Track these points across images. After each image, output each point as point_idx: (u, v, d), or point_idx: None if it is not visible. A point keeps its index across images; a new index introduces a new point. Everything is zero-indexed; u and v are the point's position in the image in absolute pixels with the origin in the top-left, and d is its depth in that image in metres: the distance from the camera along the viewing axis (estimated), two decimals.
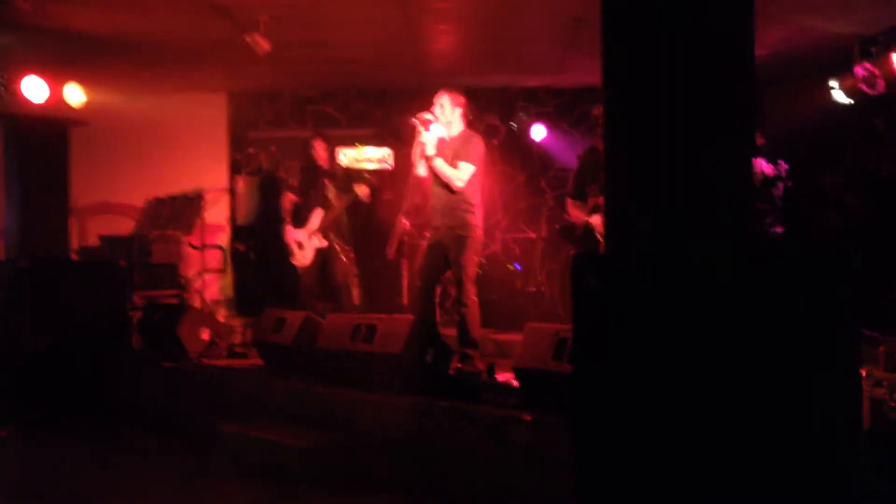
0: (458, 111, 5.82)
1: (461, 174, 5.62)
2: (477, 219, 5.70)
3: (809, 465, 2.83)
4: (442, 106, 5.78)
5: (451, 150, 5.74)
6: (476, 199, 5.72)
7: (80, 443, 5.55)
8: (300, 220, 7.14)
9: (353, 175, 7.48)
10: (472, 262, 5.65)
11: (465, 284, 5.55)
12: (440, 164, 5.64)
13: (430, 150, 5.67)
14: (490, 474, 4.06)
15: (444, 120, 5.77)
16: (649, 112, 3.20)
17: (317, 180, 7.19)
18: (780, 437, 2.85)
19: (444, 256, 5.72)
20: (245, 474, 4.71)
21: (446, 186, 5.68)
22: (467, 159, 5.63)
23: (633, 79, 3.24)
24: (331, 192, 7.14)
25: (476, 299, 5.59)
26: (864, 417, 3.29)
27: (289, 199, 7.32)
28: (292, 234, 7.13)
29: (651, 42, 3.17)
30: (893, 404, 3.58)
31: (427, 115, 5.73)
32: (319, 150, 7.22)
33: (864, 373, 3.66)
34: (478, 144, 5.76)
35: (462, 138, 5.78)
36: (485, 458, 4.08)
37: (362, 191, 7.01)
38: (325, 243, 7.03)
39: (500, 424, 4.05)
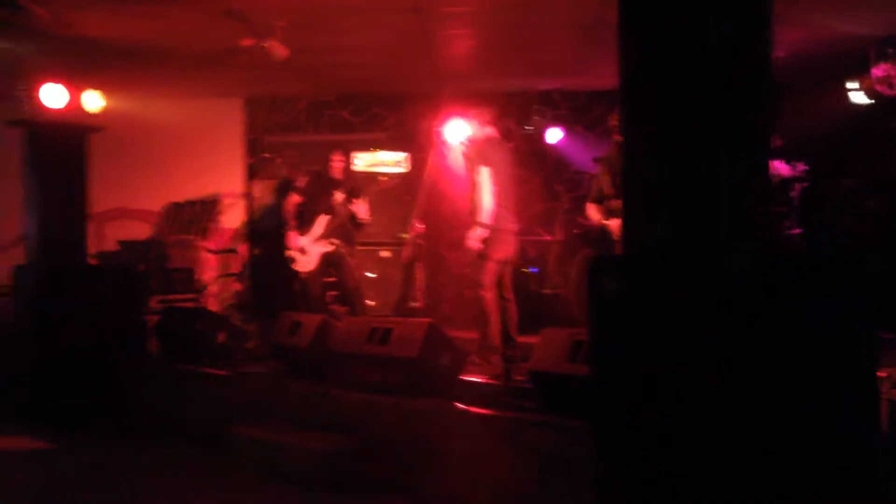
0: (486, 123, 6.27)
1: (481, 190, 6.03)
2: (493, 220, 5.99)
3: (828, 469, 2.82)
4: (475, 119, 6.26)
5: (476, 155, 6.17)
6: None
7: (99, 447, 5.59)
8: (309, 226, 7.19)
9: (360, 185, 7.53)
10: (489, 261, 5.97)
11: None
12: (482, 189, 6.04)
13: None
14: (507, 478, 4.05)
15: (476, 130, 6.25)
16: (666, 116, 3.20)
17: (327, 189, 7.24)
18: (799, 439, 2.84)
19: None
20: (262, 478, 4.72)
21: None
22: (484, 163, 6.03)
23: (649, 83, 3.24)
24: (337, 200, 7.20)
25: (484, 296, 5.94)
26: (882, 420, 3.28)
27: (292, 201, 7.34)
28: (296, 240, 7.16)
29: (667, 46, 3.17)
30: None
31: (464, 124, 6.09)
32: (337, 162, 7.30)
33: (883, 375, 3.63)
34: (495, 146, 6.16)
35: (485, 142, 6.23)
36: (502, 462, 4.08)
37: (359, 208, 7.08)
38: (329, 248, 7.08)
39: (516, 428, 4.05)
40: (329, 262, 7.16)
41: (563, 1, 6.16)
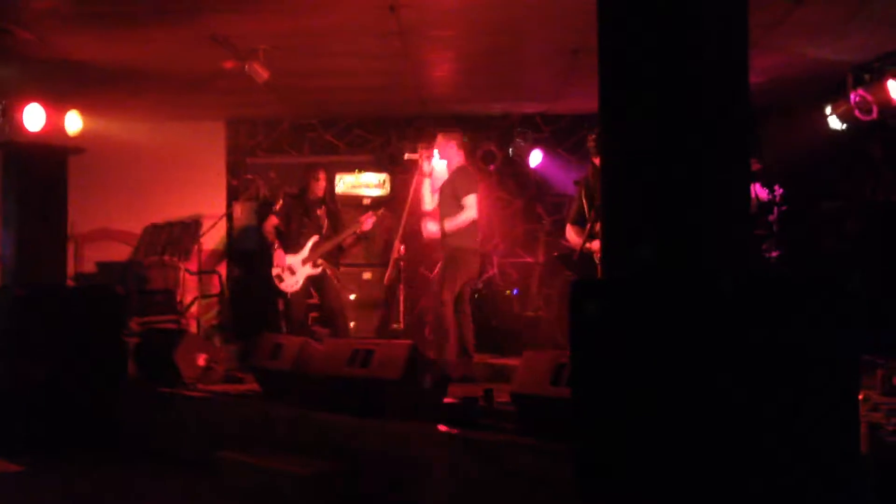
0: (453, 146, 6.59)
1: (468, 211, 6.36)
2: (468, 242, 6.43)
3: (808, 492, 2.83)
4: (439, 145, 6.60)
5: (451, 187, 6.48)
6: (472, 224, 6.45)
7: (76, 470, 5.52)
8: (295, 246, 7.17)
9: (343, 207, 7.58)
10: (455, 283, 6.34)
11: (443, 303, 6.31)
12: (450, 225, 6.41)
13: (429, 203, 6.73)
14: (490, 500, 4.04)
15: (443, 157, 6.60)
16: (644, 139, 3.23)
17: (311, 209, 7.24)
18: (779, 461, 2.85)
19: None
20: (245, 502, 4.67)
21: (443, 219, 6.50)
22: (466, 191, 6.38)
23: (628, 107, 3.27)
24: (326, 222, 7.21)
25: (452, 318, 6.30)
26: (861, 442, 3.29)
27: (270, 223, 7.35)
28: (283, 259, 7.15)
29: (647, 71, 3.20)
30: (891, 429, 3.58)
31: (430, 152, 6.59)
32: (322, 181, 7.33)
33: (861, 397, 3.66)
34: (469, 174, 6.59)
35: (456, 173, 6.55)
36: (484, 484, 4.06)
37: (366, 224, 7.12)
38: (317, 270, 7.08)
39: (498, 450, 4.04)
40: (313, 283, 7.15)
41: (545, 27, 6.22)
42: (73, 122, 6.79)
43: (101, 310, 6.65)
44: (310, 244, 7.14)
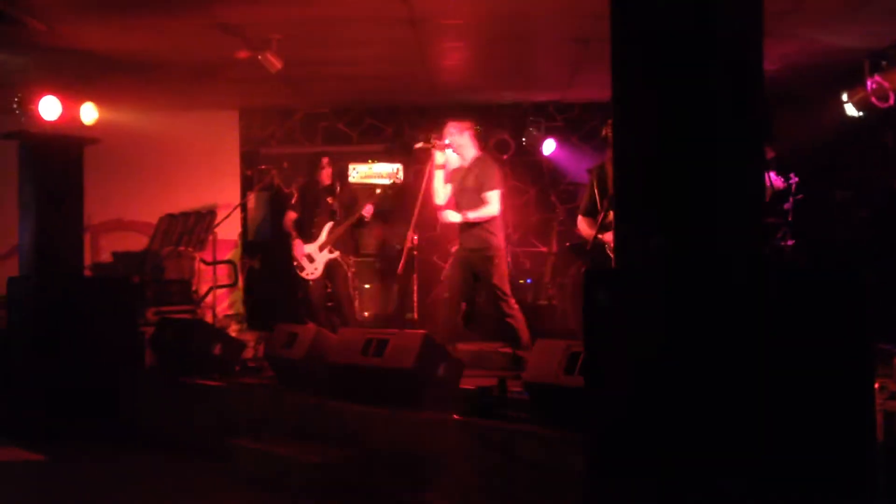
0: (467, 135, 6.15)
1: (492, 207, 5.98)
2: (499, 240, 6.08)
3: (820, 479, 2.82)
4: (451, 134, 6.13)
5: (472, 178, 6.07)
6: (497, 221, 6.08)
7: (94, 459, 5.57)
8: (308, 235, 7.22)
9: (358, 193, 7.58)
10: (504, 280, 6.06)
11: (506, 300, 5.99)
12: (473, 215, 6.01)
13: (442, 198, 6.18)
14: (501, 490, 4.05)
15: (456, 146, 6.14)
16: (658, 128, 3.21)
17: (321, 197, 7.29)
18: (794, 451, 2.84)
19: (473, 277, 6.14)
20: (257, 490, 4.71)
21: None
22: (491, 186, 6.00)
23: (641, 96, 3.26)
24: (336, 208, 7.27)
25: (517, 306, 6.05)
26: (877, 430, 3.29)
27: (290, 218, 7.41)
28: (301, 249, 7.20)
29: (660, 59, 3.19)
30: None
31: (442, 141, 6.11)
32: (328, 167, 7.38)
33: (877, 385, 3.65)
34: (493, 167, 6.13)
35: (478, 164, 6.13)
36: (496, 474, 4.07)
37: (367, 210, 7.15)
38: (335, 254, 7.16)
39: (511, 439, 4.04)
40: (328, 271, 7.22)
41: (557, 14, 6.20)
42: (89, 113, 6.82)
43: (117, 299, 6.69)
44: (325, 230, 7.20)
